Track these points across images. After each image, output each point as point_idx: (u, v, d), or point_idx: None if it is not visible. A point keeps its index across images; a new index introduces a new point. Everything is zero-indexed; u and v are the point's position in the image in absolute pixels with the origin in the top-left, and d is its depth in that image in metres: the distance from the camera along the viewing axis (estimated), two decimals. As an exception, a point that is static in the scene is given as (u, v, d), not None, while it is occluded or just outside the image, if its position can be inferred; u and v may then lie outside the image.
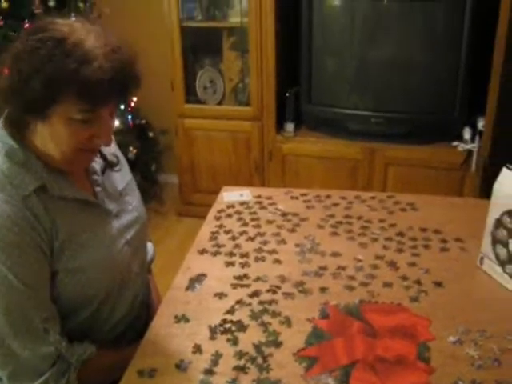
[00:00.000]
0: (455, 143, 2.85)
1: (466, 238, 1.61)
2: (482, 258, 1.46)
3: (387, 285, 1.40)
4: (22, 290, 1.05)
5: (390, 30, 2.89)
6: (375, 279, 1.42)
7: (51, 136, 1.07)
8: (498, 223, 1.40)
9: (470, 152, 2.82)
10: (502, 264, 1.40)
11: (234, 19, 3.20)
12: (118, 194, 1.33)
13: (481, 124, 2.78)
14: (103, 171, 1.30)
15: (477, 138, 2.81)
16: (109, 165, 1.31)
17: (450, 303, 1.34)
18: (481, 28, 2.68)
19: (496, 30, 2.60)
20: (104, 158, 1.31)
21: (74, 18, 1.10)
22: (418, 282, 1.41)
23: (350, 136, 3.04)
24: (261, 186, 3.33)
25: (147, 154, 3.64)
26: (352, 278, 1.43)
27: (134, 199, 1.37)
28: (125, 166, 1.41)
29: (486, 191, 2.84)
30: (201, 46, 3.41)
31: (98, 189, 1.26)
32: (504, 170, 1.41)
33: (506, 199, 1.38)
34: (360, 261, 1.50)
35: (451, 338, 1.21)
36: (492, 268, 1.43)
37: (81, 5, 3.08)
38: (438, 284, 1.40)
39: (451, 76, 2.78)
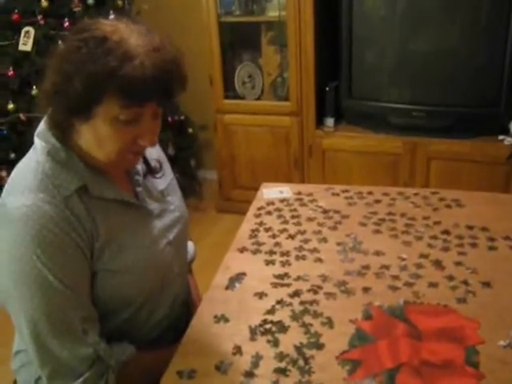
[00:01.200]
0: (501, 137, 2.76)
1: (515, 236, 1.54)
2: (532, 257, 1.40)
3: (433, 285, 1.35)
4: (62, 290, 1.04)
5: (432, 20, 2.81)
6: (420, 279, 1.38)
7: (95, 137, 1.06)
8: (551, 221, 1.34)
9: (516, 146, 2.73)
10: (555, 264, 1.34)
11: (272, 13, 3.16)
12: (160, 194, 1.31)
13: (528, 117, 2.69)
14: (145, 175, 1.29)
15: (524, 131, 2.72)
16: (151, 171, 1.30)
17: (499, 304, 1.28)
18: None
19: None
20: (147, 163, 1.30)
21: (117, 18, 1.08)
22: (465, 283, 1.36)
23: (391, 130, 2.98)
24: (300, 181, 3.30)
25: (186, 150, 3.64)
26: (396, 277, 1.39)
27: (175, 199, 1.36)
28: (166, 166, 1.39)
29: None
30: (239, 41, 3.39)
31: (139, 189, 1.24)
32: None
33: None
34: (404, 260, 1.45)
35: (501, 342, 1.16)
36: (544, 268, 1.37)
37: (119, 2, 3.10)
38: (487, 284, 1.35)
39: (496, 67, 2.69)
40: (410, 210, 1.70)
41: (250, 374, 1.10)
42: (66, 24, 2.78)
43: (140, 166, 1.27)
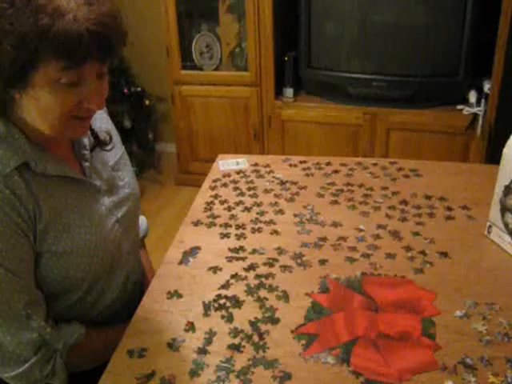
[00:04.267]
0: (460, 107, 2.76)
1: (472, 205, 1.53)
2: (489, 227, 1.39)
3: (390, 256, 1.33)
4: (3, 274, 0.97)
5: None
6: (377, 250, 1.35)
7: (37, 107, 0.97)
8: (508, 190, 1.32)
9: (475, 116, 2.73)
10: (511, 233, 1.33)
11: (230, -20, 3.07)
12: (109, 169, 1.23)
13: (487, 87, 2.68)
14: (93, 148, 1.20)
15: (482, 101, 2.71)
16: (100, 143, 1.22)
17: (456, 275, 1.27)
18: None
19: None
20: (95, 135, 1.22)
21: None
22: (423, 253, 1.34)
23: (350, 101, 2.95)
24: (260, 153, 3.26)
25: (143, 123, 3.56)
26: (353, 249, 1.36)
27: (126, 174, 1.28)
28: (116, 139, 1.31)
29: (491, 156, 2.77)
30: (196, 10, 3.28)
31: (86, 164, 1.16)
32: (514, 133, 1.33)
33: (515, 164, 1.30)
34: (361, 231, 1.43)
35: (458, 313, 1.14)
36: (500, 237, 1.36)
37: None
38: (444, 254, 1.33)
39: (455, 37, 2.68)
40: (368, 180, 1.68)
41: (202, 351, 1.06)
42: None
43: (87, 140, 1.19)
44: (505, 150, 1.32)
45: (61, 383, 1.09)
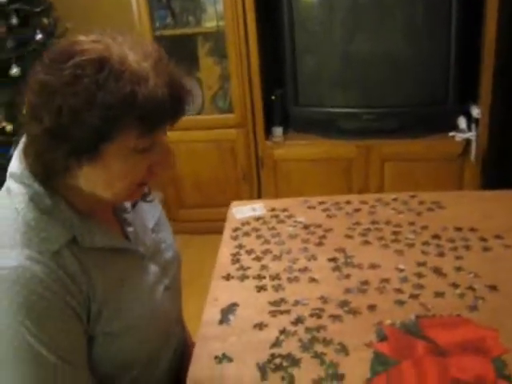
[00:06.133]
0: (452, 133, 2.76)
1: (504, 233, 1.50)
2: (532, 255, 1.36)
3: (439, 295, 1.28)
4: (58, 365, 0.85)
5: (372, 23, 2.76)
6: (424, 289, 1.30)
7: (105, 176, 0.88)
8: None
9: (467, 141, 2.74)
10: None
11: (210, 24, 3.04)
12: (150, 231, 1.13)
13: (475, 112, 2.70)
14: (134, 204, 1.10)
15: (473, 126, 2.73)
16: (142, 196, 1.09)
17: (511, 307, 1.22)
18: (469, 11, 2.59)
19: (485, 13, 2.52)
20: None
21: (95, 31, 0.88)
22: (471, 288, 1.29)
23: (342, 135, 2.91)
24: (250, 196, 3.19)
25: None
26: (399, 290, 1.30)
27: (167, 235, 1.18)
28: (154, 193, 1.22)
29: (487, 181, 2.77)
30: (175, 55, 3.23)
31: (129, 229, 1.05)
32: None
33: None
34: (402, 270, 1.37)
35: (526, 350, 1.09)
36: (546, 264, 1.33)
37: (45, 20, 2.90)
38: (493, 288, 1.29)
39: (442, 64, 2.68)
40: (393, 216, 1.63)
41: (272, 420, 0.98)
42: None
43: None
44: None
45: None
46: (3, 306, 0.83)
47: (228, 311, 1.28)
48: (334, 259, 1.44)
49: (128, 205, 1.08)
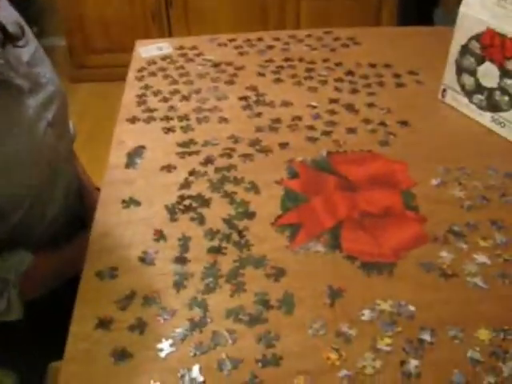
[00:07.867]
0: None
1: (418, 70, 1.47)
2: (444, 91, 1.34)
3: (351, 131, 1.26)
4: None
5: None
6: (336, 126, 1.27)
7: None
8: (465, 50, 1.26)
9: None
10: (469, 94, 1.29)
11: None
12: (25, 65, 1.01)
13: None
14: (3, 44, 0.95)
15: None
16: (10, 38, 0.96)
17: (421, 143, 1.22)
18: None
19: None
20: (3, 29, 0.95)
21: None
22: (383, 124, 1.28)
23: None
24: (160, 36, 3.00)
25: (25, 16, 3.14)
26: (311, 127, 1.27)
27: (46, 70, 1.07)
28: (28, 31, 1.06)
29: (403, 18, 2.72)
30: None
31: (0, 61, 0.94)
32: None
33: (473, 23, 1.22)
34: (315, 107, 1.33)
35: (434, 181, 1.11)
36: (456, 100, 1.32)
37: None
38: (404, 123, 1.28)
39: None
40: (307, 53, 1.56)
41: (181, 260, 0.95)
42: None
43: None
44: (461, 9, 1.25)
45: (18, 317, 0.96)
46: None
47: (134, 154, 1.21)
48: (245, 98, 1.37)
49: None
